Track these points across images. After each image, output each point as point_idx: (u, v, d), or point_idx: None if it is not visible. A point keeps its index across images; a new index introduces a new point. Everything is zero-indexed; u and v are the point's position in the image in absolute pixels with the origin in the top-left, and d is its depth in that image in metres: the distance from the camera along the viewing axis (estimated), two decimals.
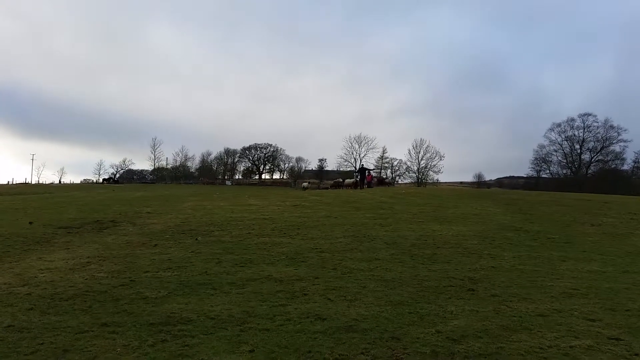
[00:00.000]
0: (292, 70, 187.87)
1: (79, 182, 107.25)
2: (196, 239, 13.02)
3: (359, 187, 43.76)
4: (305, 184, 57.09)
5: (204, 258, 10.52)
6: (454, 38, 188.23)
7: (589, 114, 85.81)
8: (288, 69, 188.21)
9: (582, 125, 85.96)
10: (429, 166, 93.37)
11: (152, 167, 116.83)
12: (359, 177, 48.53)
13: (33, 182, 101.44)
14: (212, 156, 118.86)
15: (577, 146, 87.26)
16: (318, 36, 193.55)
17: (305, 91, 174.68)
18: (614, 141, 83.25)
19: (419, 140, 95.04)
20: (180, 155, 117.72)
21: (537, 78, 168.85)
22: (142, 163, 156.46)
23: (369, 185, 45.54)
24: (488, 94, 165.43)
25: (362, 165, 64.38)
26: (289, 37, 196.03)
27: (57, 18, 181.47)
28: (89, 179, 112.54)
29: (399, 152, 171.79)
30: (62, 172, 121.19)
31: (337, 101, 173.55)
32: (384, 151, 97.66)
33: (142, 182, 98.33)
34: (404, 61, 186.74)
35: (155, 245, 12.24)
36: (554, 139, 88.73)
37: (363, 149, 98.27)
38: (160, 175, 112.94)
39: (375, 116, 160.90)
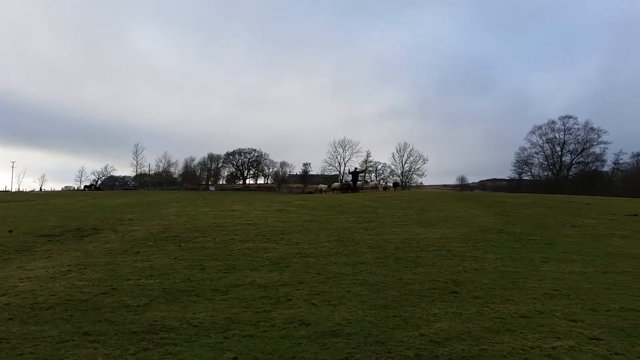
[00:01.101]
0: (278, 74, 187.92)
1: (60, 189, 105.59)
2: (179, 246, 12.92)
3: (351, 191, 43.78)
4: (322, 187, 56.28)
5: (186, 265, 10.43)
6: (442, 41, 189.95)
7: (570, 117, 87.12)
8: (274, 73, 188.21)
9: (562, 127, 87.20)
10: (412, 169, 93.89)
11: (135, 174, 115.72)
12: (351, 180, 48.63)
13: (13, 190, 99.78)
14: (196, 162, 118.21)
15: (558, 148, 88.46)
16: (304, 39, 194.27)
17: (291, 95, 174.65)
18: (594, 143, 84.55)
19: (403, 143, 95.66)
20: (163, 161, 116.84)
21: (524, 81, 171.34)
22: (124, 169, 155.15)
23: (355, 188, 45.59)
24: (475, 97, 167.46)
25: (356, 168, 64.57)
26: (275, 40, 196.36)
27: (37, 20, 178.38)
28: (71, 186, 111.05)
29: (385, 155, 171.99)
30: (43, 179, 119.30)
31: (323, 105, 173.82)
32: (367, 155, 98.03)
33: (124, 189, 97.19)
34: (392, 64, 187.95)
35: (137, 252, 12.11)
36: (535, 141, 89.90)
37: (347, 153, 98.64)
38: (142, 181, 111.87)
39: (362, 119, 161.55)
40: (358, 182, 48.62)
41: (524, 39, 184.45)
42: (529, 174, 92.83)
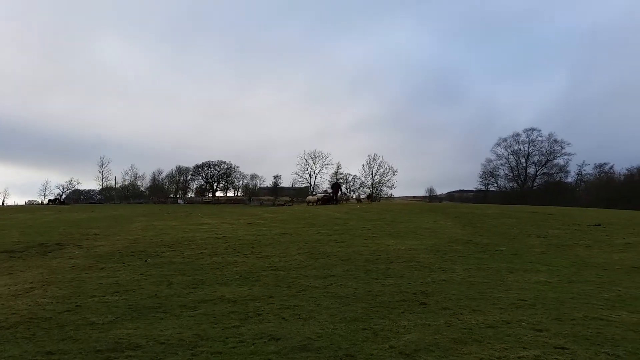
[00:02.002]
0: (249, 86, 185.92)
1: (23, 203, 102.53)
2: (145, 261, 12.68)
3: (333, 202, 43.60)
4: (312, 199, 51.95)
5: (153, 280, 10.24)
6: (414, 53, 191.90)
7: (534, 129, 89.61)
8: (245, 84, 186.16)
9: (527, 139, 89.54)
10: (382, 181, 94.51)
11: (100, 187, 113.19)
12: (332, 192, 48.48)
13: None
14: (164, 174, 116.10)
15: (523, 160, 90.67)
16: (277, 51, 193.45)
17: (263, 106, 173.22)
18: (558, 155, 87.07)
19: (373, 155, 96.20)
20: (130, 174, 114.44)
21: (492, 93, 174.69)
22: (90, 183, 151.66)
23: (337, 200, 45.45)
24: (444, 109, 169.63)
25: (337, 180, 64.71)
26: (247, 51, 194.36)
27: None
28: (34, 200, 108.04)
29: (355, 167, 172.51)
30: (5, 193, 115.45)
31: (294, 117, 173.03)
32: (338, 167, 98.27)
33: (90, 203, 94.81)
34: (364, 76, 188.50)
35: (103, 268, 11.84)
36: (500, 153, 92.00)
37: (318, 165, 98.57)
38: (108, 195, 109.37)
39: (334, 131, 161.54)
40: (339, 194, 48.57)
41: (493, 51, 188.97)
42: (495, 185, 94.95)
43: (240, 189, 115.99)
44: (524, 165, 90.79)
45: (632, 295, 8.64)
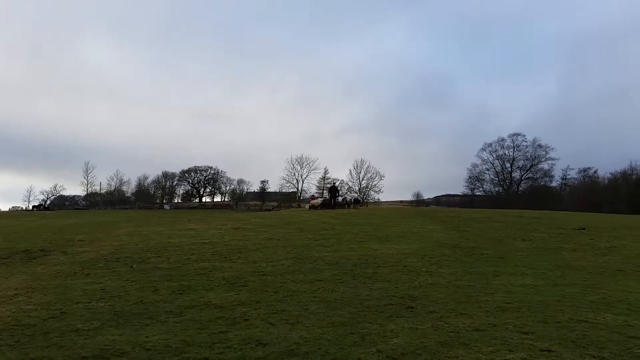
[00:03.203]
0: (238, 90, 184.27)
1: (7, 209, 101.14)
2: (131, 267, 12.56)
3: (331, 207, 43.36)
4: (315, 202, 47.49)
5: (139, 286, 10.14)
6: (405, 57, 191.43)
7: (518, 134, 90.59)
8: (234, 88, 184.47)
9: (512, 144, 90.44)
10: (369, 186, 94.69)
11: (85, 193, 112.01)
12: (329, 196, 48.27)
13: None
14: (149, 180, 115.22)
15: (508, 165, 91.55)
16: (267, 54, 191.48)
17: (251, 110, 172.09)
18: (542, 159, 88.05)
19: (360, 160, 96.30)
20: (115, 179, 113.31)
21: (482, 97, 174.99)
22: (74, 188, 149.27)
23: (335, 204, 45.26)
24: (434, 113, 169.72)
25: (334, 184, 64.85)
26: (236, 54, 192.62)
27: None
28: (18, 207, 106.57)
29: (343, 172, 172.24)
30: None
31: (284, 121, 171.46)
32: (325, 172, 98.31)
33: (75, 209, 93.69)
34: (355, 79, 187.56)
35: (88, 274, 11.71)
36: (486, 158, 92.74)
37: (305, 170, 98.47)
38: (93, 200, 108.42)
39: (322, 135, 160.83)
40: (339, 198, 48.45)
41: (483, 55, 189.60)
42: (481, 189, 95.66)
43: (227, 194, 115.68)
44: (509, 170, 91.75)
45: (617, 297, 8.75)
